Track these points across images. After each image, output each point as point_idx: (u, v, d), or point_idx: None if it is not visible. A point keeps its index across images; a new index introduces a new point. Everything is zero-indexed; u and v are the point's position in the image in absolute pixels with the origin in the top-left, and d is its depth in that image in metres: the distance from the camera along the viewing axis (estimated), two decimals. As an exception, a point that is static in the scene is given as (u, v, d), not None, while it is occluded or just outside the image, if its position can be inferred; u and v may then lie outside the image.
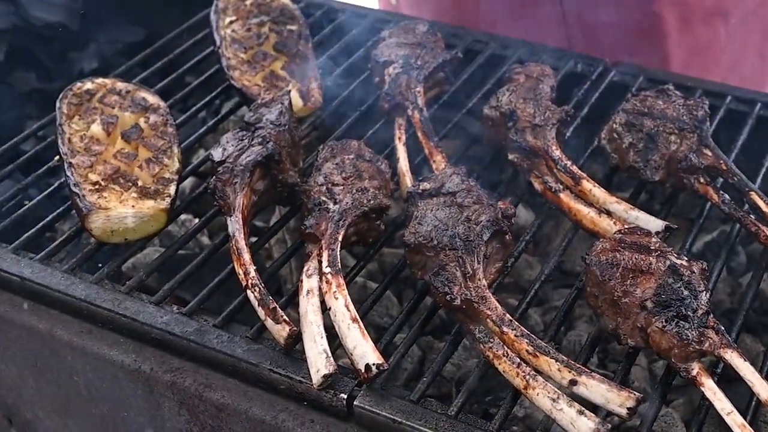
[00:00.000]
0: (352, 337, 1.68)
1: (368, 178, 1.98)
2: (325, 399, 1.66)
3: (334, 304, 1.73)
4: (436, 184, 1.94)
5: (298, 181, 2.03)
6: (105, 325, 1.83)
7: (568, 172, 2.05)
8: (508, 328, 1.68)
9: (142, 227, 1.96)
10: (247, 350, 1.74)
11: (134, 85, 2.27)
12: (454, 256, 1.77)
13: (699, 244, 2.43)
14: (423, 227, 1.84)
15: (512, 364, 1.65)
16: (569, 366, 1.61)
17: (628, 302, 1.69)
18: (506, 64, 2.47)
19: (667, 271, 1.71)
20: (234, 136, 2.06)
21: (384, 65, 2.36)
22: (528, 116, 2.13)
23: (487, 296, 1.72)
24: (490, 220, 1.82)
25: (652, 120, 2.11)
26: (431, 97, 2.37)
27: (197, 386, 1.74)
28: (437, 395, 2.07)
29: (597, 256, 1.77)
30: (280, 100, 2.14)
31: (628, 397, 1.55)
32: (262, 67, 2.37)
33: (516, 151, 2.12)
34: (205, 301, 1.86)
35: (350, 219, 1.88)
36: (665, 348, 1.64)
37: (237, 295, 1.85)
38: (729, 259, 2.42)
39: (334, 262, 1.79)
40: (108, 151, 2.06)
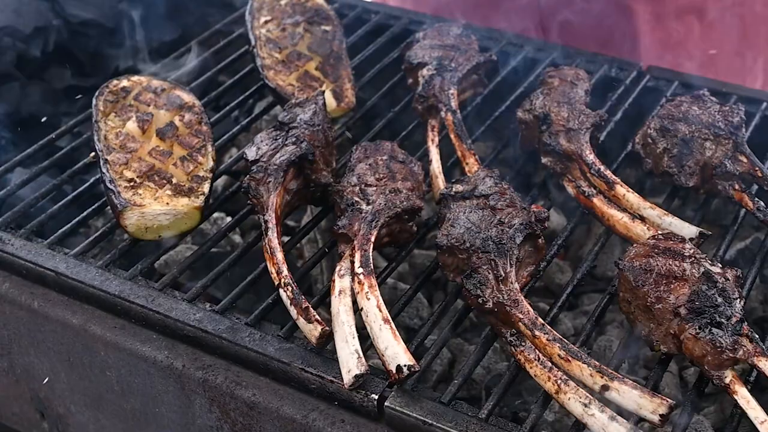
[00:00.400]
0: (384, 338, 1.68)
1: (401, 179, 1.98)
2: (355, 399, 1.67)
3: (366, 305, 1.73)
4: (469, 187, 1.94)
5: (331, 181, 2.03)
6: (138, 321, 1.84)
7: (602, 177, 2.04)
8: (540, 332, 1.67)
9: (176, 225, 1.98)
10: (278, 349, 1.75)
11: (170, 84, 2.28)
12: (487, 259, 1.77)
13: (732, 252, 2.42)
14: (455, 229, 1.84)
15: (544, 369, 1.65)
16: (601, 371, 1.60)
17: (662, 308, 1.69)
18: (540, 67, 2.47)
19: (701, 277, 1.70)
20: (268, 136, 2.07)
21: (418, 67, 2.36)
22: (562, 120, 2.13)
23: (519, 300, 1.72)
24: (523, 224, 1.82)
25: (687, 125, 2.10)
26: (465, 100, 2.37)
27: (228, 384, 1.75)
28: (467, 397, 2.07)
29: (630, 261, 1.76)
30: (314, 100, 2.15)
31: (661, 404, 1.55)
32: (297, 67, 2.38)
33: (549, 154, 2.12)
34: (238, 299, 1.87)
35: (383, 220, 1.88)
36: (698, 355, 1.64)
37: (267, 294, 1.87)
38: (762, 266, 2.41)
39: (366, 263, 1.79)
40: (143, 148, 2.08)
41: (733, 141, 2.06)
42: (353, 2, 2.80)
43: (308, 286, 2.37)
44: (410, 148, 2.18)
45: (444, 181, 2.10)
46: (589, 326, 1.83)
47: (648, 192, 2.22)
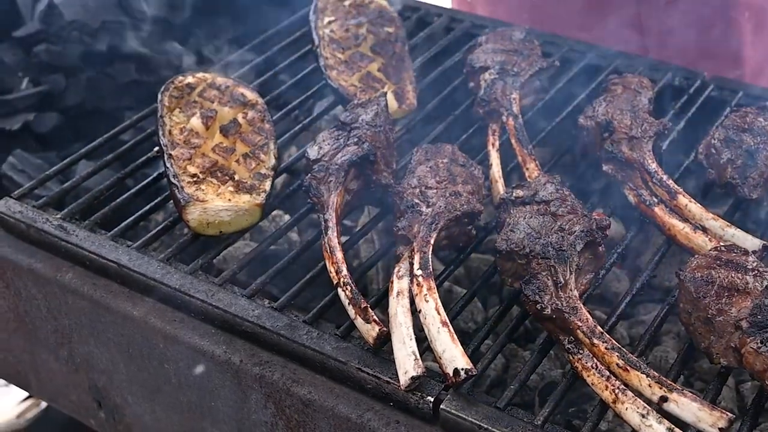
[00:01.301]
0: (442, 341, 1.68)
1: (461, 182, 1.98)
2: (411, 401, 1.67)
3: (425, 307, 1.74)
4: (529, 192, 1.94)
5: (391, 182, 2.04)
6: (197, 315, 1.87)
7: (664, 186, 2.02)
8: (599, 341, 1.66)
9: (237, 221, 2.00)
10: (335, 348, 1.76)
11: (233, 81, 2.31)
12: (546, 265, 1.76)
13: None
14: (515, 234, 1.84)
15: (601, 377, 1.64)
16: (660, 382, 1.59)
17: (723, 321, 1.67)
18: (602, 74, 2.45)
19: (764, 291, 1.68)
20: (330, 135, 2.08)
21: (480, 71, 2.36)
22: (625, 128, 2.12)
23: (578, 307, 1.71)
24: (584, 231, 1.81)
25: (752, 136, 2.07)
26: (526, 105, 2.36)
27: (285, 380, 1.77)
28: (520, 404, 2.07)
29: (692, 272, 1.75)
30: (377, 101, 2.16)
31: (720, 417, 1.53)
32: (359, 68, 2.40)
33: (611, 162, 2.10)
34: (296, 297, 1.89)
35: (443, 223, 1.89)
36: (759, 369, 1.62)
37: (323, 292, 1.88)
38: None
39: (425, 265, 1.80)
40: (206, 144, 2.10)
41: (798, 152, 2.04)
42: (416, 4, 2.80)
43: (363, 286, 2.38)
44: (470, 152, 2.17)
45: (504, 185, 2.10)
46: (647, 336, 1.81)
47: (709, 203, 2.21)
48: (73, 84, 2.84)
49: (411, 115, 2.37)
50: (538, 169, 2.12)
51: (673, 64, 2.53)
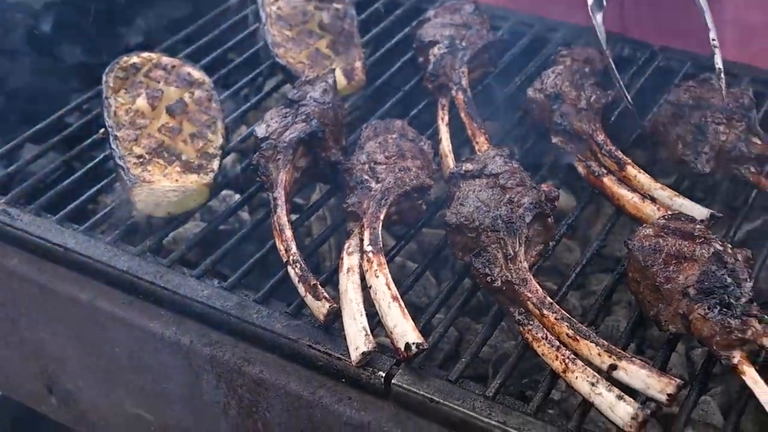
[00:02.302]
0: (393, 316, 1.68)
1: (411, 157, 1.98)
2: (363, 376, 1.67)
3: (375, 283, 1.73)
4: (478, 165, 1.93)
5: (340, 159, 2.03)
6: (146, 297, 1.85)
7: (613, 157, 2.03)
8: (549, 311, 1.67)
9: (185, 201, 1.98)
10: (286, 326, 1.75)
11: (179, 60, 2.28)
12: (496, 238, 1.76)
13: (741, 233, 2.40)
14: (465, 208, 1.83)
15: (551, 347, 1.65)
16: (610, 351, 1.60)
17: (671, 288, 1.68)
18: (551, 46, 2.45)
19: (711, 258, 1.69)
20: (278, 113, 2.06)
21: (429, 45, 2.35)
22: (573, 99, 2.12)
23: (528, 279, 1.72)
24: (532, 203, 1.81)
25: (699, 110, 2.08)
26: (475, 78, 2.35)
27: (236, 360, 1.76)
28: (473, 376, 2.07)
29: (640, 241, 1.75)
30: (325, 78, 2.15)
31: (669, 383, 1.54)
32: (307, 45, 2.38)
33: (560, 134, 2.11)
34: (246, 276, 1.87)
35: (392, 198, 1.88)
36: (707, 335, 1.63)
37: (275, 271, 1.86)
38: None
39: (375, 241, 1.79)
40: (153, 125, 2.08)
41: (745, 123, 2.05)
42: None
43: (316, 263, 2.37)
44: (421, 127, 2.17)
45: (454, 159, 2.09)
46: (597, 306, 1.82)
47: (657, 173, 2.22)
48: (17, 67, 2.78)
49: (361, 92, 2.36)
50: (487, 142, 2.11)
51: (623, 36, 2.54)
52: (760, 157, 2.02)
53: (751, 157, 2.01)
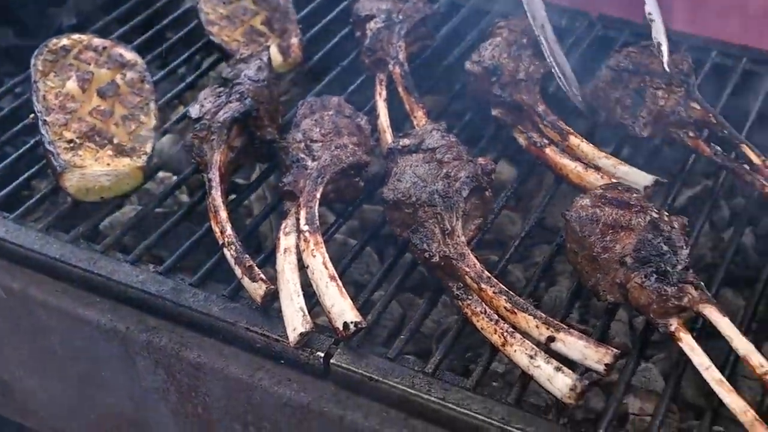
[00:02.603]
0: (330, 295, 1.66)
1: (347, 134, 1.95)
2: (301, 357, 1.65)
3: (312, 262, 1.71)
4: (415, 140, 1.91)
5: (276, 137, 2.00)
6: (80, 285, 1.81)
7: (555, 128, 2.02)
8: (486, 285, 1.66)
9: (118, 185, 1.94)
10: (223, 309, 1.72)
11: (111, 41, 2.23)
12: (433, 213, 1.75)
13: (682, 199, 2.41)
14: (402, 184, 1.82)
15: (490, 321, 1.64)
16: (547, 322, 1.59)
17: (608, 258, 1.68)
18: (489, 17, 2.43)
19: (647, 226, 1.69)
20: (212, 93, 2.03)
21: (365, 20, 2.32)
22: (512, 71, 2.10)
23: (465, 253, 1.71)
24: (469, 177, 1.80)
25: (638, 75, 2.07)
26: (413, 52, 2.33)
27: (173, 345, 1.73)
28: (418, 352, 2.06)
29: (577, 212, 1.75)
30: (259, 55, 2.11)
31: (606, 353, 1.54)
32: (242, 22, 2.34)
33: (500, 106, 2.09)
34: (182, 259, 1.85)
35: (329, 176, 1.86)
36: (644, 304, 1.63)
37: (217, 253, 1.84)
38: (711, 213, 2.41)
39: (312, 220, 1.77)
40: (83, 108, 2.03)
41: (684, 89, 2.05)
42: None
43: (258, 243, 2.34)
44: (361, 103, 2.15)
45: (392, 135, 2.07)
46: (536, 277, 1.82)
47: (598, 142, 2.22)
48: (-53, 51, 2.72)
49: (298, 68, 2.33)
50: (425, 117, 2.09)
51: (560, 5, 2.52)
52: (699, 122, 2.02)
53: (689, 122, 2.01)
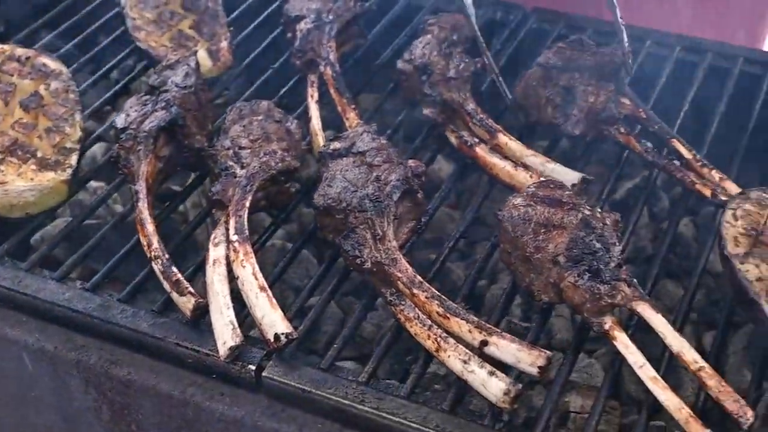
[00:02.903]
0: (261, 307, 1.63)
1: (276, 140, 1.92)
2: (233, 371, 1.62)
3: (242, 273, 1.68)
4: (346, 144, 1.89)
5: (205, 145, 1.96)
6: (6, 304, 1.76)
7: (484, 126, 2.00)
8: (419, 290, 1.64)
9: (43, 200, 1.89)
10: (152, 324, 1.69)
11: (35, 51, 2.18)
12: (364, 218, 1.72)
13: (622, 191, 2.41)
14: (332, 189, 1.79)
15: (423, 327, 1.62)
16: (480, 326, 1.58)
17: (541, 258, 1.66)
18: (423, 13, 2.41)
19: (579, 224, 1.68)
20: (137, 101, 1.99)
21: (295, 20, 2.28)
22: (442, 69, 2.08)
23: (397, 258, 1.68)
24: (399, 179, 1.77)
25: (567, 73, 2.06)
26: (346, 52, 2.30)
27: (103, 363, 1.69)
28: (358, 356, 2.04)
29: (509, 211, 1.73)
30: (186, 61, 2.07)
31: (539, 356, 1.53)
32: (170, 27, 2.29)
33: (430, 105, 2.07)
34: (111, 273, 1.81)
35: (258, 183, 1.82)
36: (578, 303, 1.62)
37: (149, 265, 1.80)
38: (651, 204, 2.41)
39: (241, 230, 1.74)
40: (5, 121, 1.98)
41: (614, 85, 2.04)
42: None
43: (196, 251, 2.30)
44: (291, 107, 2.12)
45: (324, 138, 2.04)
46: (471, 277, 1.80)
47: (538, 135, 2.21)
48: None
49: (229, 72, 2.29)
50: (358, 117, 2.07)
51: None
52: (630, 117, 2.01)
53: (619, 118, 2.00)
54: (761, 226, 1.67)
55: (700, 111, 2.16)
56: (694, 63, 2.31)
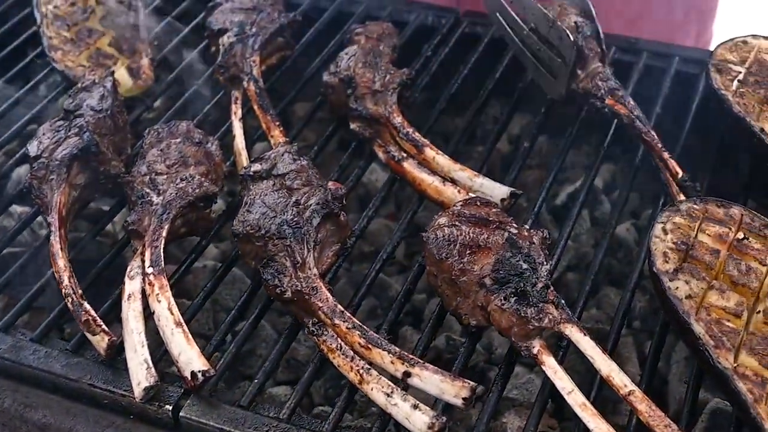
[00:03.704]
0: (177, 343, 1.57)
1: (195, 163, 1.85)
2: (150, 411, 1.56)
3: (157, 308, 1.62)
4: (267, 165, 1.82)
5: (122, 171, 1.89)
6: None
7: (411, 140, 1.94)
8: (340, 320, 1.58)
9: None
10: (66, 365, 1.62)
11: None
12: (283, 246, 1.66)
13: (563, 195, 2.37)
14: (251, 215, 1.72)
15: (346, 358, 1.56)
16: (402, 357, 1.52)
17: (467, 281, 1.61)
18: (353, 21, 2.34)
19: (504, 244, 1.62)
20: (51, 127, 1.91)
21: (219, 33, 2.21)
22: (367, 82, 2.02)
23: (318, 287, 1.62)
24: (319, 203, 1.71)
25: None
26: (273, 64, 2.24)
27: (17, 406, 1.62)
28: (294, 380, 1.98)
29: (434, 232, 1.67)
30: (102, 82, 2.00)
31: (462, 387, 1.47)
32: (87, 45, 2.21)
33: (357, 119, 2.01)
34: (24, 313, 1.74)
35: (174, 212, 1.75)
36: (505, 326, 1.57)
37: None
38: (593, 208, 2.36)
39: (157, 261, 1.67)
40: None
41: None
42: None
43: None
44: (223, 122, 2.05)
45: (247, 158, 1.98)
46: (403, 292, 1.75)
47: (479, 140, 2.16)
48: None
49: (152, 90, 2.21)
50: (283, 135, 2.00)
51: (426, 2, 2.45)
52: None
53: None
54: (691, 239, 1.62)
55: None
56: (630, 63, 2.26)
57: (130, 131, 2.01)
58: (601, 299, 2.16)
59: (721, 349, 1.48)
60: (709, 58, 2.02)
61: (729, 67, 1.99)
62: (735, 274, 1.57)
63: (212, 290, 1.81)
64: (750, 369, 1.45)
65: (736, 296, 1.54)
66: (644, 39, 2.31)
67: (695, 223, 1.65)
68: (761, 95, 1.92)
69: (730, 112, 1.91)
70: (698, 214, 1.67)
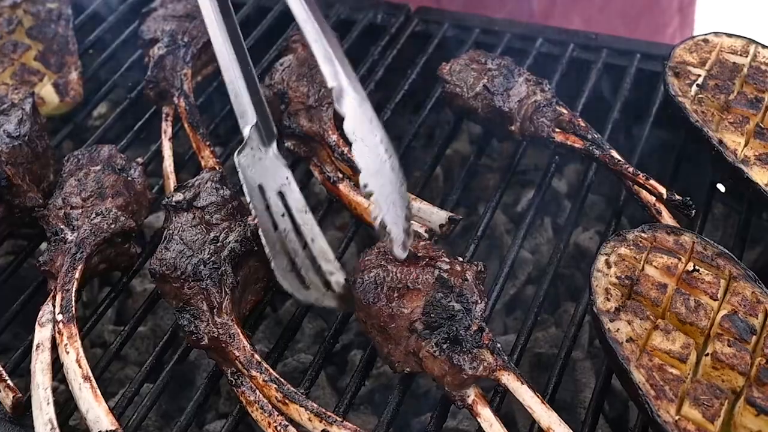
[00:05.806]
0: (84, 399, 1.47)
1: (112, 195, 1.73)
2: (58, 474, 1.46)
3: (66, 360, 1.51)
4: (190, 194, 1.70)
5: (39, 202, 1.77)
6: None
7: (346, 160, 1.82)
8: (257, 372, 1.47)
9: None
10: (-29, 424, 1.52)
11: None
12: (199, 288, 1.54)
13: (523, 202, 2.25)
14: (168, 253, 1.60)
15: (264, 413, 1.46)
16: (319, 415, 1.41)
17: (396, 327, 1.48)
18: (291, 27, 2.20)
19: (435, 284, 1.50)
20: (-38, 159, 1.79)
21: (150, 44, 2.08)
22: (301, 97, 1.89)
23: (235, 333, 1.51)
24: (238, 241, 1.59)
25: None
26: (209, 76, 2.10)
27: None
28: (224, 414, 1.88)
29: (361, 276, 1.54)
30: (21, 104, 1.87)
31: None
32: (12, 61, 2.08)
33: (291, 137, 1.88)
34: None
35: (88, 251, 1.64)
36: (438, 375, 1.45)
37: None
38: (555, 215, 2.24)
39: (67, 308, 1.56)
40: None
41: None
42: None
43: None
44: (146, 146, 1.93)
45: (176, 182, 1.86)
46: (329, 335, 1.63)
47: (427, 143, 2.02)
48: None
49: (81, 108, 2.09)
50: (214, 156, 1.88)
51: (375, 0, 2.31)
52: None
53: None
54: (637, 273, 1.50)
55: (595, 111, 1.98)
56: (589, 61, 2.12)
57: (52, 155, 1.89)
58: (560, 316, 2.04)
59: (662, 400, 1.36)
60: (666, 61, 1.87)
61: (688, 70, 1.85)
62: (683, 311, 1.45)
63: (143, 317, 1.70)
64: (693, 422, 1.34)
65: (682, 337, 1.42)
66: (603, 34, 2.16)
67: (642, 254, 1.53)
68: (721, 101, 1.79)
69: (687, 121, 1.77)
70: (646, 243, 1.55)
